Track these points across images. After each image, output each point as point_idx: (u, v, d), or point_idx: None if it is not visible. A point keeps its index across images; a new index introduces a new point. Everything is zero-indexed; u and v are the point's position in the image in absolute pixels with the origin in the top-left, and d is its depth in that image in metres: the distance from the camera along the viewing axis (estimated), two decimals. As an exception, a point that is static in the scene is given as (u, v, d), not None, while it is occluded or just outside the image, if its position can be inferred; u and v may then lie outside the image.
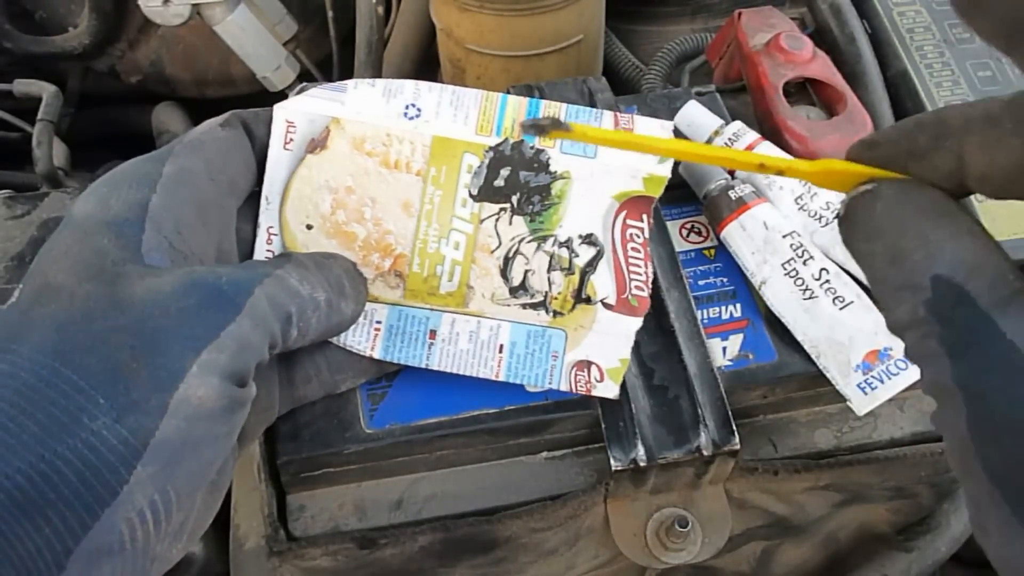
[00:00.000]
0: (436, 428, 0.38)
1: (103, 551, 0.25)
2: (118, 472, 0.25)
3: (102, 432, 0.25)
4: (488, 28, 0.54)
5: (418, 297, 0.37)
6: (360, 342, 0.36)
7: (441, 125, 0.37)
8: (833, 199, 0.43)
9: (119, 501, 0.25)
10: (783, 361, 0.40)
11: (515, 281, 0.37)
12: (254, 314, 0.29)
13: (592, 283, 0.38)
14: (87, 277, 0.28)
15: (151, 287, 0.28)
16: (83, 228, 0.29)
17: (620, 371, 0.37)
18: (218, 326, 0.28)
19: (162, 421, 0.26)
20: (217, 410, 0.28)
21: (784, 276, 0.41)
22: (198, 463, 0.28)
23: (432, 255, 0.37)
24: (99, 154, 0.75)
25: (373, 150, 0.37)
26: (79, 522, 0.25)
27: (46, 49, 0.74)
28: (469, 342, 0.37)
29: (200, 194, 0.31)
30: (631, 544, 0.40)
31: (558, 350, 0.37)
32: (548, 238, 0.37)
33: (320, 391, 0.36)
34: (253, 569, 0.39)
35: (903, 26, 0.58)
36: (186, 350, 0.27)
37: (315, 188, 0.36)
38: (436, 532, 0.38)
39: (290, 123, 0.36)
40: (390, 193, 0.37)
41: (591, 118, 0.38)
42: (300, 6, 0.75)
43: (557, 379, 0.37)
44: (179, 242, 0.30)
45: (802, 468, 0.40)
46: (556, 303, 0.37)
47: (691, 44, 0.64)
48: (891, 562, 0.46)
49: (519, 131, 0.37)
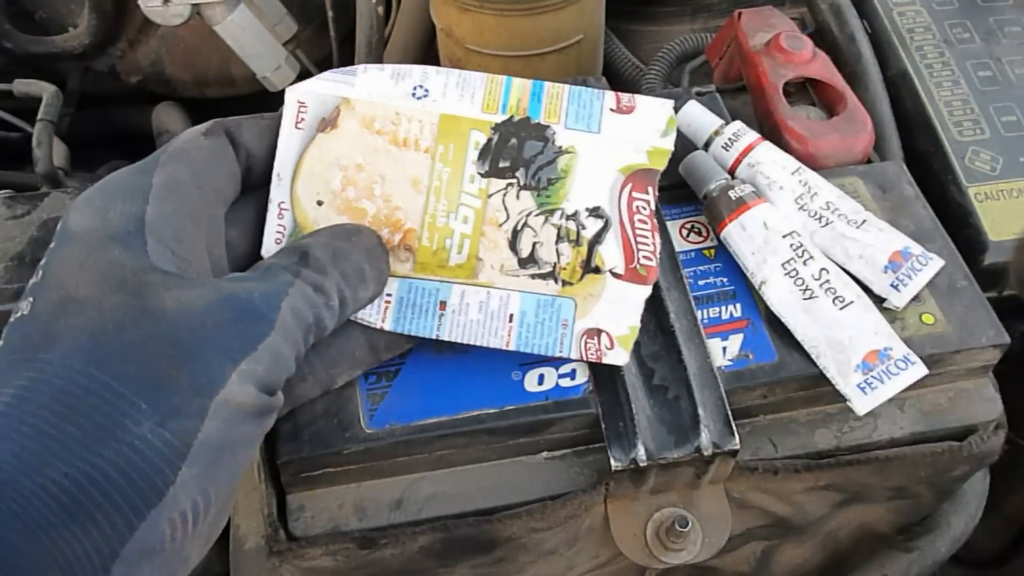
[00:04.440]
0: (436, 428, 0.38)
1: (144, 553, 0.26)
2: (164, 474, 0.26)
3: (147, 436, 0.26)
4: (488, 28, 0.54)
5: (428, 270, 0.37)
6: (371, 315, 0.36)
7: (448, 104, 0.38)
8: (833, 199, 0.43)
9: (165, 502, 0.26)
10: (783, 361, 0.40)
11: (524, 253, 0.38)
12: (284, 328, 0.30)
13: (600, 253, 0.38)
14: (111, 289, 0.28)
15: (181, 299, 0.28)
16: (88, 241, 0.29)
17: (630, 338, 0.37)
18: (255, 340, 0.29)
19: (203, 423, 0.27)
20: (252, 414, 0.29)
21: (784, 276, 0.41)
22: (234, 464, 0.29)
23: (441, 229, 0.37)
24: (99, 154, 0.75)
25: (382, 129, 0.37)
26: (126, 524, 0.25)
27: (46, 49, 0.74)
28: (479, 312, 0.37)
29: (190, 203, 0.32)
30: (631, 544, 0.40)
31: (568, 318, 0.37)
32: (555, 211, 0.38)
33: (317, 388, 0.36)
34: (253, 569, 0.39)
35: (903, 26, 0.58)
36: (225, 360, 0.28)
37: (326, 165, 0.37)
38: (436, 532, 0.38)
39: (301, 103, 0.37)
40: (399, 170, 0.37)
41: (593, 98, 0.38)
42: (300, 6, 0.75)
43: (568, 347, 0.37)
44: (179, 250, 0.30)
45: (802, 468, 0.40)
46: (565, 273, 0.38)
47: (691, 44, 0.64)
48: (891, 562, 0.46)
49: (524, 109, 0.38)
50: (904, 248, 0.42)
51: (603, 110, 0.38)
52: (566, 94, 0.38)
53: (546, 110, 0.38)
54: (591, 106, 0.38)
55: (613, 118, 0.38)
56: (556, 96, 0.38)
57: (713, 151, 0.45)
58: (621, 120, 0.38)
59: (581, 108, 0.38)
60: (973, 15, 0.58)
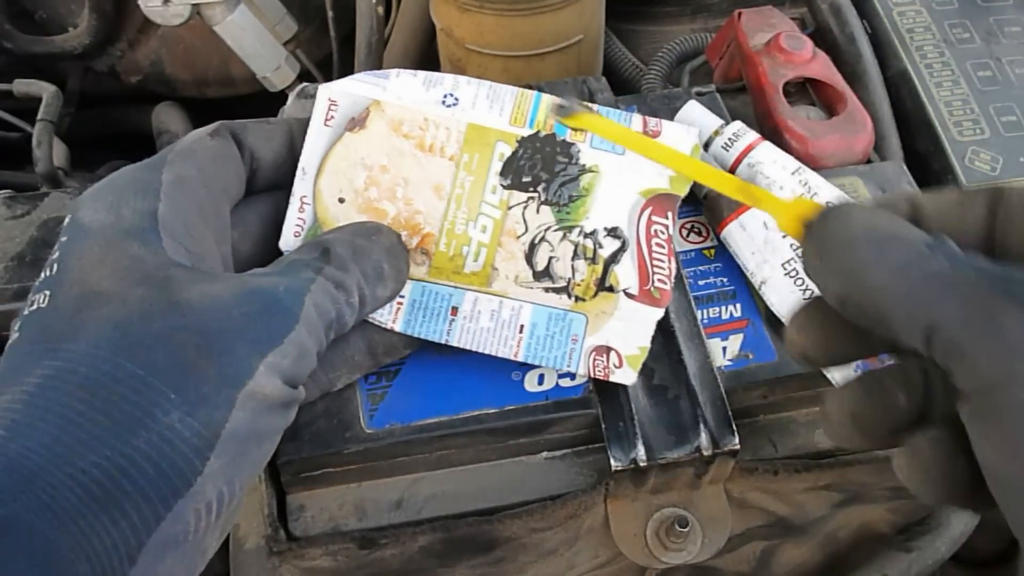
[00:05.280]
0: (436, 428, 0.38)
1: (169, 543, 0.26)
2: (193, 464, 0.26)
3: (176, 425, 0.26)
4: (488, 28, 0.54)
5: (443, 275, 0.37)
6: (382, 315, 0.36)
7: (477, 114, 0.38)
8: (833, 199, 0.43)
9: (192, 493, 0.26)
10: (783, 361, 0.40)
11: (539, 266, 0.38)
12: (308, 323, 0.30)
13: (615, 273, 0.38)
14: (135, 282, 0.28)
15: (206, 292, 0.29)
16: (106, 237, 0.29)
17: (639, 358, 0.37)
18: (281, 333, 0.29)
19: (231, 414, 0.27)
20: (277, 406, 0.29)
21: (784, 276, 0.41)
22: (259, 456, 0.29)
23: (459, 236, 0.38)
24: (99, 154, 0.75)
25: (410, 133, 0.38)
26: (154, 514, 0.25)
27: (46, 49, 0.74)
28: (490, 320, 0.37)
29: (199, 200, 0.32)
30: (631, 544, 0.40)
31: (578, 334, 0.37)
32: (574, 228, 0.38)
33: (316, 391, 0.36)
34: (253, 569, 0.39)
35: (903, 26, 0.58)
36: (252, 352, 0.28)
37: (351, 164, 0.37)
38: (436, 532, 0.38)
39: (332, 101, 0.38)
40: (423, 175, 0.38)
41: (621, 119, 0.39)
42: (300, 6, 0.75)
43: (576, 362, 0.37)
44: (192, 246, 0.30)
45: (802, 468, 0.40)
46: (579, 289, 0.38)
47: (691, 44, 0.64)
48: (891, 562, 0.46)
49: (551, 125, 0.38)
50: (904, 248, 0.42)
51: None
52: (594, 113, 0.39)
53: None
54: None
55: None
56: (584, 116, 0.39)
57: (713, 151, 0.45)
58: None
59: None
60: (973, 15, 0.58)
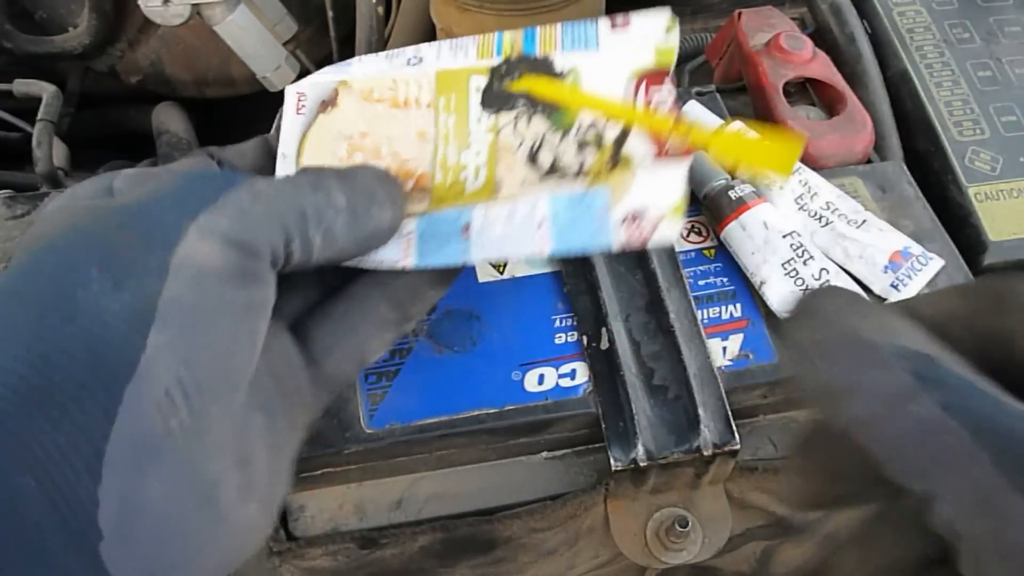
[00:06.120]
0: (436, 428, 0.38)
1: (140, 449, 0.22)
2: (130, 340, 0.23)
3: (101, 300, 0.23)
4: (488, 28, 0.54)
5: (446, 201, 0.36)
6: (393, 254, 0.34)
7: (443, 63, 0.38)
8: (833, 199, 0.43)
9: (139, 375, 0.23)
10: (783, 361, 0.40)
11: (545, 166, 0.36)
12: (254, 192, 0.27)
13: (627, 149, 0.35)
14: (75, 211, 0.27)
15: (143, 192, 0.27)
16: (67, 196, 0.29)
17: (678, 209, 0.33)
18: (215, 193, 0.26)
19: (166, 283, 0.24)
20: (226, 274, 0.25)
21: (784, 276, 0.41)
22: (222, 332, 0.25)
23: (454, 166, 0.37)
24: (99, 154, 0.75)
25: (381, 96, 0.38)
26: (101, 408, 0.22)
27: (46, 49, 0.74)
28: (507, 225, 0.34)
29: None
30: (631, 544, 0.40)
31: (604, 207, 0.33)
32: (571, 127, 0.36)
33: (347, 361, 0.33)
34: (253, 569, 0.39)
35: (903, 26, 0.58)
36: (180, 214, 0.25)
37: (331, 138, 0.37)
38: (436, 532, 0.38)
39: (301, 94, 0.38)
40: (404, 128, 0.37)
41: (587, 24, 0.37)
42: (300, 6, 0.75)
43: (608, 237, 0.33)
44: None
45: (802, 468, 0.40)
46: (592, 171, 0.35)
47: (691, 44, 0.64)
48: (891, 562, 0.46)
49: (519, 48, 0.38)
50: (904, 248, 0.42)
51: (599, 30, 0.37)
52: (559, 27, 0.37)
53: (541, 43, 0.37)
54: (586, 29, 0.37)
55: (611, 34, 0.37)
56: (549, 31, 0.38)
57: (713, 151, 0.45)
58: (619, 34, 0.37)
59: (576, 33, 0.37)
60: (973, 15, 0.58)
